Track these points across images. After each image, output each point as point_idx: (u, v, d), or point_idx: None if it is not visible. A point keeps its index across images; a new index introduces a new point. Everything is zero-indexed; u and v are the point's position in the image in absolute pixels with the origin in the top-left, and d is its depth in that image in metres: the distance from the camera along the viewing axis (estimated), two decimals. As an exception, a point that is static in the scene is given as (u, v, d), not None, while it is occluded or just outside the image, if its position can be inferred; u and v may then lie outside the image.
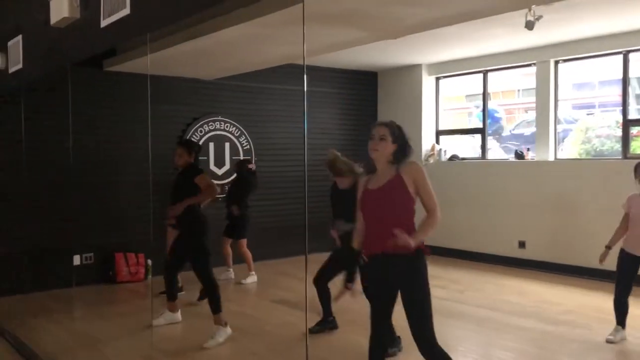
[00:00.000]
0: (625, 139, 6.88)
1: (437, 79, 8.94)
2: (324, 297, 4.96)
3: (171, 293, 5.24)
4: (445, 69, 8.67)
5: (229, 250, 6.95)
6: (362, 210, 3.23)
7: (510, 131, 9.51)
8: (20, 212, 6.29)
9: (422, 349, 3.07)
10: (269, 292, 6.52)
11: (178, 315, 5.29)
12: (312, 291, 5.01)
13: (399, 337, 4.35)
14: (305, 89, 7.15)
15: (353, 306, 3.45)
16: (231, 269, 7.09)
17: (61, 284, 6.37)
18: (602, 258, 4.63)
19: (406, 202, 3.09)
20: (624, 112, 6.86)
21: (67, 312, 5.86)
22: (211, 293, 4.81)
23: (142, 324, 5.12)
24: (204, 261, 4.86)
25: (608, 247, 4.65)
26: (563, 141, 7.77)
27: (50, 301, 6.11)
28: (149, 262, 7.04)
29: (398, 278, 3.13)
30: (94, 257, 6.91)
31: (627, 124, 6.87)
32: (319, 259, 5.11)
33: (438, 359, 3.06)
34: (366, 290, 3.43)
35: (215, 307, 4.76)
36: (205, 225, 4.97)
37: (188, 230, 4.91)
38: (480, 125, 8.44)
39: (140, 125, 7.01)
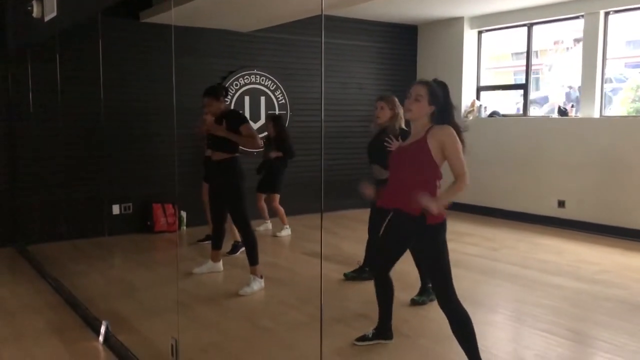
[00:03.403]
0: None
1: (480, 32, 8.65)
2: (371, 248, 4.98)
3: (217, 242, 5.28)
4: (488, 22, 8.37)
5: (264, 205, 7.00)
6: (389, 163, 3.28)
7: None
8: (60, 162, 6.47)
9: (439, 302, 3.13)
10: (302, 245, 6.58)
11: (220, 265, 5.37)
12: (351, 246, 5.02)
13: (430, 286, 4.36)
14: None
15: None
16: (269, 221, 7.18)
17: (101, 233, 6.57)
18: None
19: (426, 165, 3.04)
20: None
21: (107, 259, 6.06)
22: (249, 244, 4.83)
23: (180, 273, 5.23)
24: (242, 209, 4.81)
25: None
26: (612, 101, 7.45)
27: (90, 248, 6.32)
28: (183, 213, 7.18)
29: (407, 237, 3.25)
30: (132, 207, 7.08)
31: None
32: (355, 216, 5.10)
33: (453, 314, 3.07)
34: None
35: (253, 259, 4.81)
36: (242, 174, 4.90)
37: (226, 177, 4.84)
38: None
39: (178, 78, 7.04)
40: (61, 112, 6.08)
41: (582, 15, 7.25)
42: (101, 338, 3.72)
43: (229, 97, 7.56)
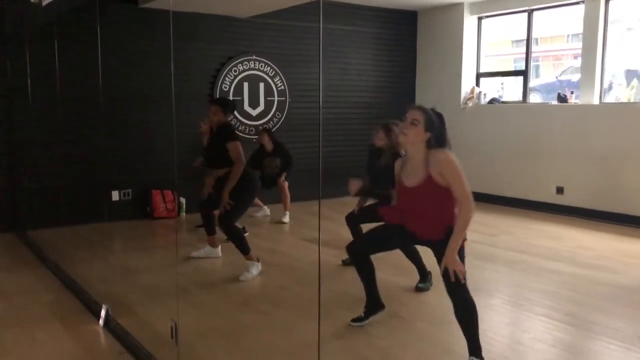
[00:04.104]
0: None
1: (480, 18, 8.61)
2: (357, 235, 5.04)
3: (209, 227, 5.30)
4: (488, 8, 8.33)
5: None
6: (399, 202, 3.23)
7: (556, 77, 9.17)
8: (59, 148, 6.47)
9: (449, 290, 3.08)
10: (302, 231, 6.60)
11: (218, 251, 5.39)
12: (349, 232, 5.09)
13: (429, 272, 4.40)
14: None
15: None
16: (265, 207, 7.20)
17: (101, 219, 6.58)
18: None
19: (442, 197, 3.04)
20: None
21: (106, 245, 6.08)
22: (234, 240, 4.83)
23: (179, 257, 5.25)
24: (232, 219, 4.79)
25: None
26: (611, 88, 7.43)
27: (90, 234, 6.34)
28: (182, 200, 7.19)
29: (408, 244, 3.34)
30: (132, 193, 7.09)
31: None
32: (353, 202, 5.15)
33: (460, 301, 3.05)
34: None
35: (243, 250, 4.83)
36: (254, 188, 5.00)
37: (237, 187, 4.81)
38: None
39: (176, 64, 7.01)
40: (60, 98, 6.06)
41: (583, 1, 7.21)
42: (101, 322, 3.75)
43: (228, 84, 7.55)
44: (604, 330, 3.68)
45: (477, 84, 8.66)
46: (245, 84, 7.74)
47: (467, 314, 3.04)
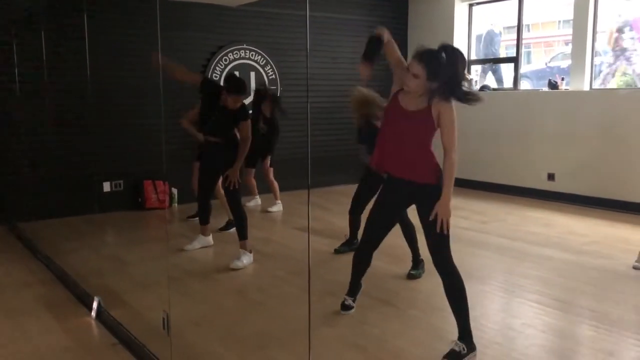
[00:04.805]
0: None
1: (470, 5, 8.59)
2: (355, 225, 5.07)
3: (204, 217, 5.34)
4: (479, -6, 8.32)
5: (253, 181, 6.99)
6: (388, 124, 3.23)
7: (545, 64, 9.19)
8: (50, 139, 6.42)
9: (437, 263, 3.16)
10: (294, 220, 6.60)
11: (210, 239, 5.42)
12: (341, 221, 5.10)
13: (422, 260, 4.42)
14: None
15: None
16: (257, 197, 7.19)
17: (92, 210, 6.55)
18: None
19: (429, 135, 3.13)
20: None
21: (98, 236, 6.06)
22: (239, 222, 4.92)
23: (171, 248, 5.24)
24: (237, 191, 4.91)
25: None
26: (600, 74, 7.45)
27: (81, 225, 6.31)
28: (174, 190, 7.17)
29: (415, 202, 3.24)
30: (123, 184, 7.06)
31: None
32: (345, 191, 5.14)
33: (449, 275, 3.13)
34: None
35: (242, 235, 4.89)
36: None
37: (231, 160, 4.87)
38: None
39: (166, 53, 6.93)
40: (48, 88, 6.01)
41: (573, -13, 7.21)
42: (93, 313, 3.74)
43: (218, 73, 7.50)
44: (594, 315, 3.71)
45: (469, 71, 8.66)
46: (236, 74, 7.66)
47: (454, 289, 3.11)
